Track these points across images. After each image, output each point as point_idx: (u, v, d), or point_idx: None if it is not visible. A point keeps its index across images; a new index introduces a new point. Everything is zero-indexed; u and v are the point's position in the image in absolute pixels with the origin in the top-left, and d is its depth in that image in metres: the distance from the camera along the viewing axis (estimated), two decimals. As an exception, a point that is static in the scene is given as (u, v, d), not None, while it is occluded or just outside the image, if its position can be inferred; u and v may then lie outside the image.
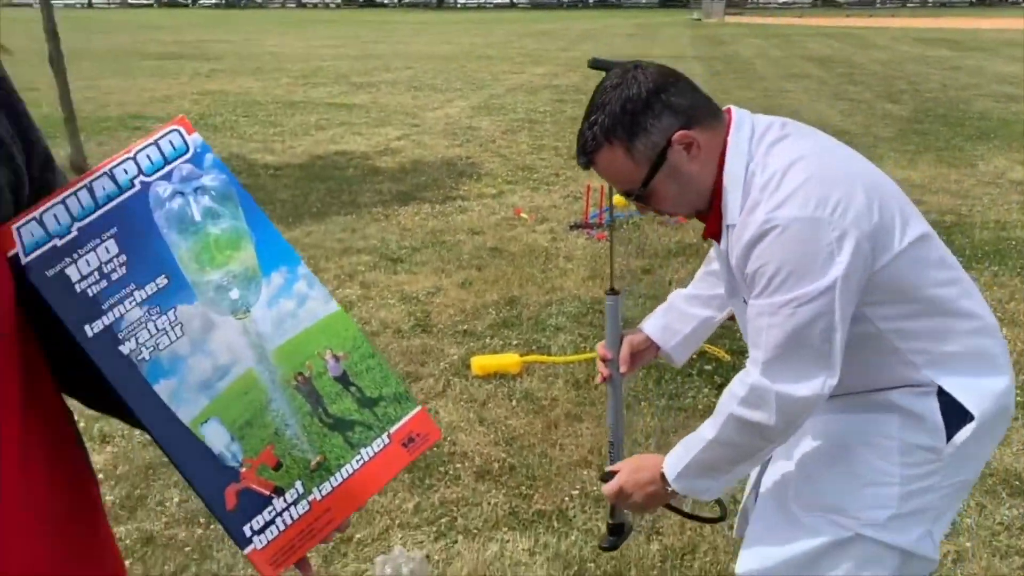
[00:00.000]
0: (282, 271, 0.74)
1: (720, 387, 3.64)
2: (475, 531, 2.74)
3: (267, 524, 0.69)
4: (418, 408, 0.77)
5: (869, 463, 1.48)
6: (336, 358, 0.74)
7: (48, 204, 0.68)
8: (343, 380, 0.74)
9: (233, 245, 0.72)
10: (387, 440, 0.75)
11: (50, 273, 0.67)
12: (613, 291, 1.78)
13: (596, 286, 4.89)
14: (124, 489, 2.92)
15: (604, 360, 1.79)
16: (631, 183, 1.48)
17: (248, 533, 0.69)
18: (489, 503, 2.89)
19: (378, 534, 2.73)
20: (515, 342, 4.15)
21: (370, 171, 7.82)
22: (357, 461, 0.73)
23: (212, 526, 2.74)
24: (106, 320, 0.68)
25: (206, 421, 0.68)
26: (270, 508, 0.69)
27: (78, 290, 0.67)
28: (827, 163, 1.41)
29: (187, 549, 2.63)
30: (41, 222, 0.68)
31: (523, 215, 6.31)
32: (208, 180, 0.73)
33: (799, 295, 1.33)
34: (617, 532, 1.85)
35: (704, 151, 1.45)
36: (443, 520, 2.80)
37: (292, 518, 0.70)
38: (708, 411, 3.40)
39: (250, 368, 0.70)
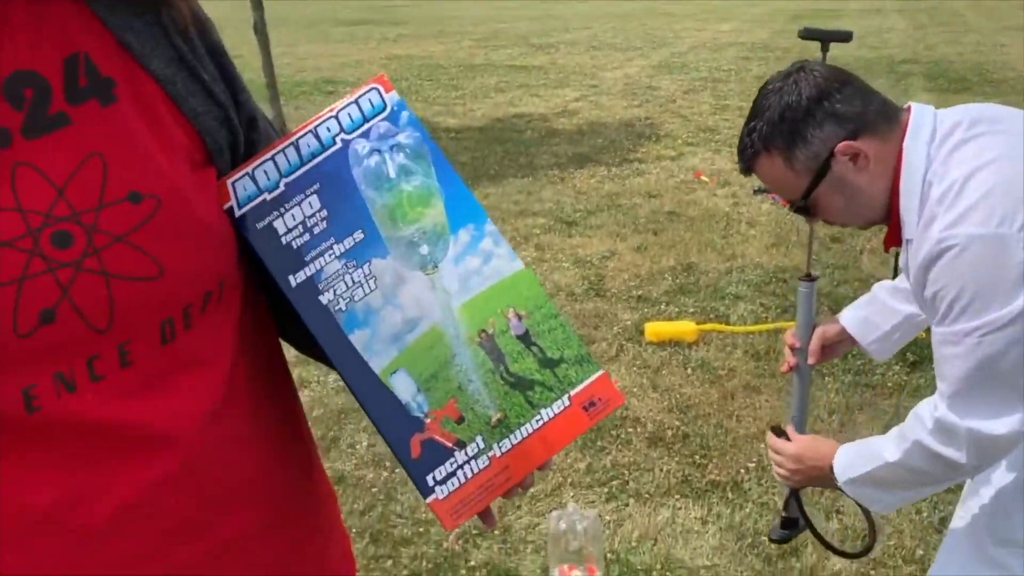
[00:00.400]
0: (469, 228, 0.75)
1: (912, 365, 3.42)
2: (646, 496, 2.75)
3: (449, 475, 0.71)
4: (600, 372, 0.76)
5: None
6: (519, 317, 0.74)
7: (259, 160, 0.73)
8: (525, 339, 0.74)
9: (424, 202, 0.74)
10: (567, 402, 0.74)
11: (260, 225, 0.71)
12: (809, 277, 1.69)
13: (780, 254, 4.70)
14: (319, 431, 3.14)
15: (792, 348, 1.69)
16: (792, 194, 1.39)
17: (431, 483, 0.72)
18: (661, 469, 2.88)
19: (551, 490, 2.79)
20: (691, 309, 4.08)
21: (547, 133, 7.87)
22: (537, 421, 0.73)
23: (397, 470, 2.90)
24: (308, 271, 0.71)
25: (395, 372, 0.71)
26: (452, 460, 0.71)
27: (284, 242, 0.71)
28: (1019, 168, 1.22)
29: (374, 490, 2.81)
30: (253, 177, 0.72)
31: (703, 178, 6.15)
32: (403, 138, 0.75)
33: (985, 323, 1.18)
34: (790, 526, 1.78)
35: (874, 161, 1.32)
36: (615, 482, 2.82)
37: (473, 471, 0.72)
38: (897, 389, 3.26)
39: (436, 323, 0.72)
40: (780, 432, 1.61)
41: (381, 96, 0.76)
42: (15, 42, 0.62)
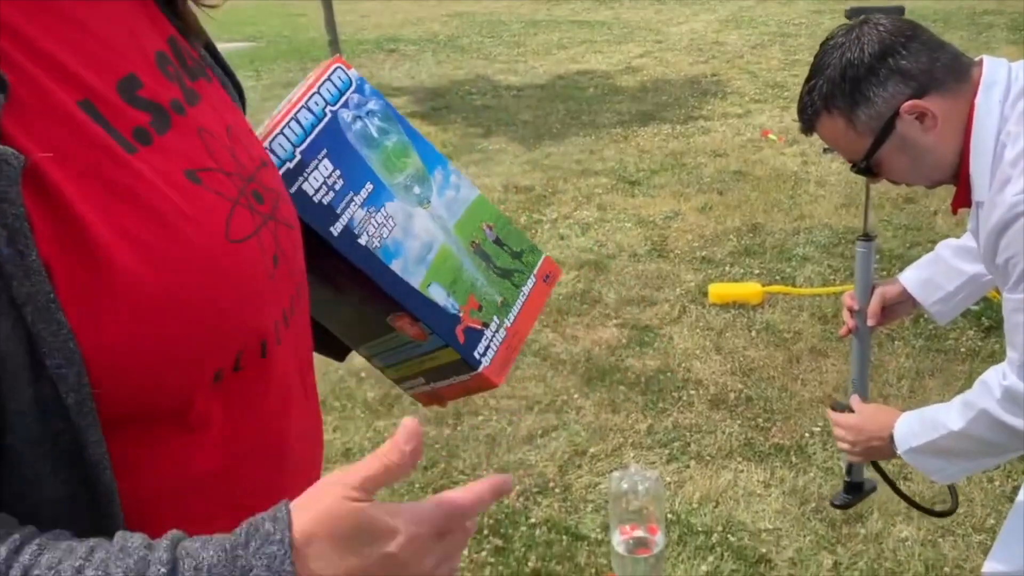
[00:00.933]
0: (439, 170, 0.94)
1: (987, 330, 3.32)
2: (708, 458, 2.74)
3: (487, 348, 0.91)
4: (545, 255, 1.02)
5: None
6: (489, 227, 0.96)
7: (273, 134, 0.83)
8: (498, 243, 0.97)
9: (404, 153, 0.91)
10: (534, 280, 0.99)
11: (292, 190, 0.81)
12: (866, 237, 1.63)
13: (850, 215, 4.57)
14: (383, 389, 3.20)
15: (851, 311, 1.64)
16: (854, 154, 1.35)
17: (478, 356, 0.90)
18: (723, 432, 2.86)
19: (611, 450, 2.80)
20: (757, 271, 4.01)
21: (610, 90, 7.75)
22: (522, 296, 0.97)
23: (458, 427, 2.95)
24: (343, 221, 0.84)
25: (430, 284, 0.87)
26: (484, 336, 0.91)
27: (315, 200, 0.83)
28: None
29: (436, 446, 2.85)
30: (272, 150, 0.82)
31: (771, 136, 6.00)
32: (372, 105, 0.90)
33: None
34: (853, 491, 1.75)
35: (943, 120, 1.26)
36: (675, 444, 2.82)
37: (499, 340, 0.92)
38: (970, 355, 3.16)
39: (444, 242, 0.90)
40: (841, 407, 1.58)
41: (346, 73, 0.90)
42: (143, 26, 0.67)
